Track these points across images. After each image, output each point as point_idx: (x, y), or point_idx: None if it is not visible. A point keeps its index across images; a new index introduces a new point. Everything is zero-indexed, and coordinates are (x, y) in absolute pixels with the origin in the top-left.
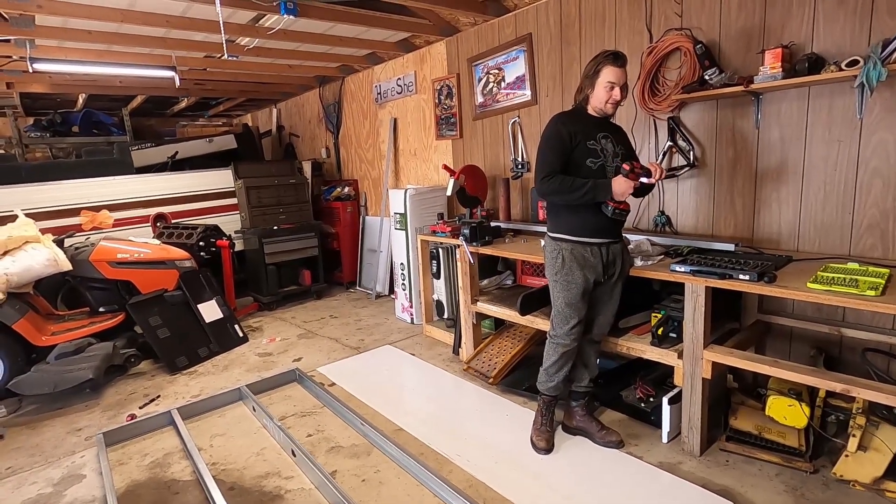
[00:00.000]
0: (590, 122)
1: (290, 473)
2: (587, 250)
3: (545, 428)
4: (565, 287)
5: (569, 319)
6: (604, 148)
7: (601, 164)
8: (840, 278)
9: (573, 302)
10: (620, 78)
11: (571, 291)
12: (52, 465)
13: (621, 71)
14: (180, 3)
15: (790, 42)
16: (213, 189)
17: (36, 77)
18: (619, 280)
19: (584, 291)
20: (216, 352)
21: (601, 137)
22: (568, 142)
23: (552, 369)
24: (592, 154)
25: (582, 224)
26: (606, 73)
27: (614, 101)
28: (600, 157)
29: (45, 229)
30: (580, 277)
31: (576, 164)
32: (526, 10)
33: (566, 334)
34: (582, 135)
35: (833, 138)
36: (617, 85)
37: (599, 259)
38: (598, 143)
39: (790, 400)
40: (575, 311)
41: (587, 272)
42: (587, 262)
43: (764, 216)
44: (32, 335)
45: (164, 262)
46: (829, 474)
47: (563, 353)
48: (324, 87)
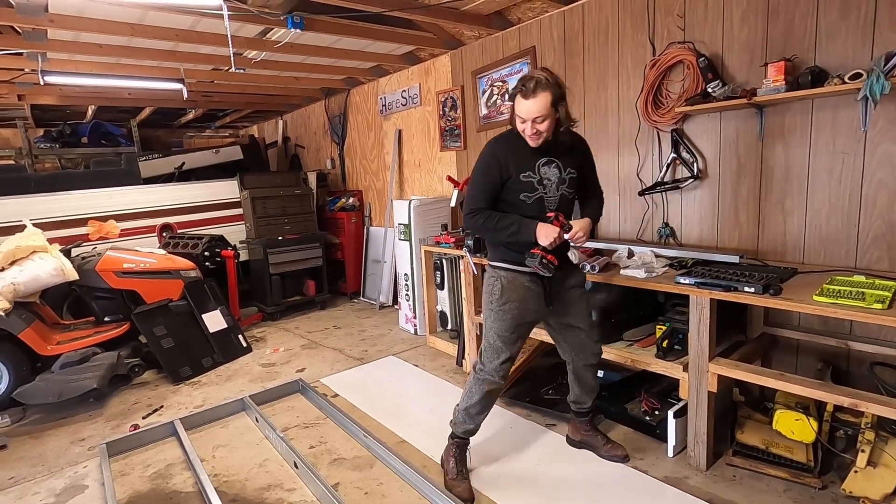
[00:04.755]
0: (529, 147)
1: (292, 486)
2: (527, 279)
3: (461, 476)
4: (499, 318)
5: (500, 353)
6: (544, 178)
7: (538, 197)
8: (846, 291)
9: (505, 334)
10: (530, 113)
11: (506, 323)
12: (54, 476)
13: (531, 104)
14: (189, 18)
15: (793, 55)
16: (219, 199)
17: (46, 89)
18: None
19: (519, 325)
20: (220, 362)
21: (542, 165)
22: (498, 176)
23: (473, 409)
24: (527, 188)
25: (517, 254)
26: (516, 106)
27: (531, 135)
28: (537, 190)
29: (53, 239)
30: (516, 309)
31: (509, 199)
32: (530, 24)
33: (496, 370)
34: (515, 167)
35: (837, 150)
36: (527, 121)
37: (541, 288)
38: (537, 174)
39: (797, 414)
40: (507, 346)
41: (527, 303)
42: (528, 291)
43: (769, 228)
44: (38, 344)
45: (169, 271)
46: (839, 490)
47: (488, 391)
48: (329, 98)
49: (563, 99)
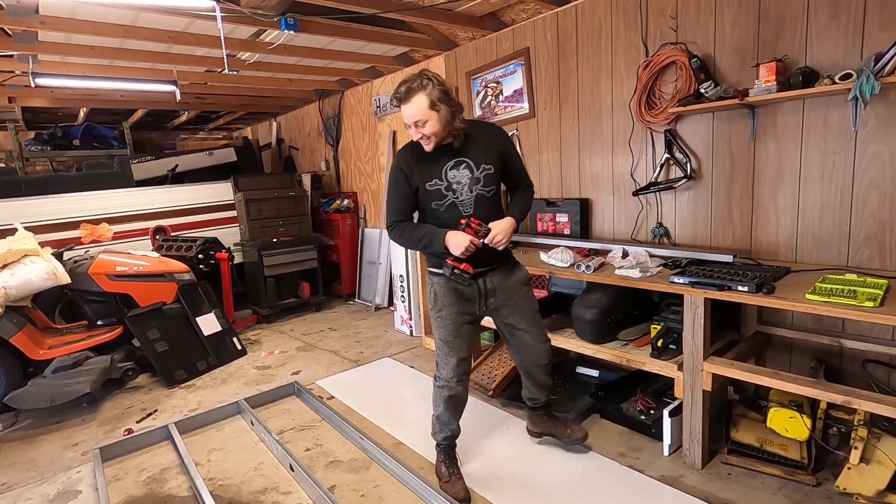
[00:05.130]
0: (433, 153)
1: (288, 489)
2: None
3: (455, 478)
4: (439, 324)
5: (448, 358)
6: (453, 182)
7: (450, 203)
8: (838, 289)
9: (449, 339)
10: (409, 118)
11: (446, 328)
12: (47, 481)
13: (407, 109)
14: (183, 19)
15: (784, 56)
16: (213, 202)
17: (38, 91)
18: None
19: (459, 328)
20: (214, 365)
21: (450, 169)
22: (407, 187)
23: (444, 417)
24: (435, 196)
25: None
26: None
27: (420, 140)
28: (447, 196)
29: (45, 242)
30: (454, 312)
31: (426, 210)
32: (523, 25)
33: (450, 376)
34: (419, 177)
35: (829, 150)
36: (410, 124)
37: (476, 291)
38: (444, 179)
39: (791, 412)
40: (453, 350)
41: (461, 306)
42: (461, 295)
43: (762, 227)
44: (30, 349)
45: (162, 274)
46: (832, 487)
47: (449, 396)
48: (323, 100)
49: (444, 98)
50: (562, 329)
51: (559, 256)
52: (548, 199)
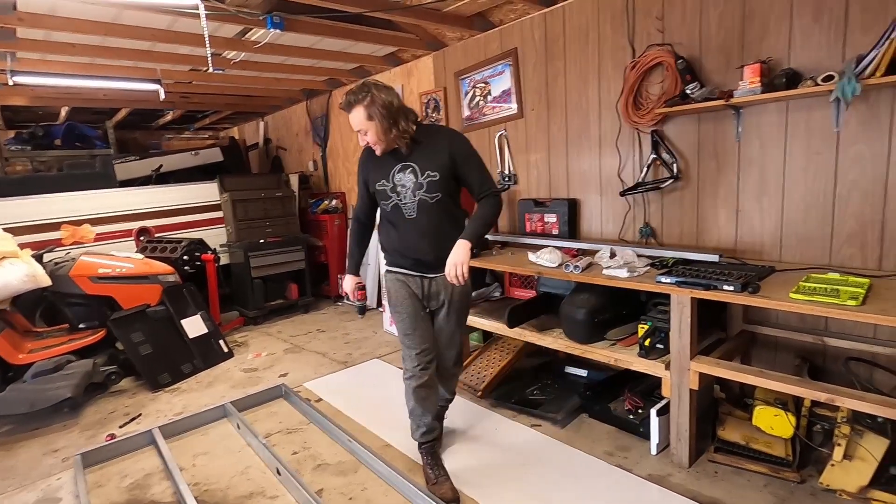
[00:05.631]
0: (387, 156)
1: (274, 493)
2: (409, 280)
3: (442, 479)
4: (398, 318)
5: (410, 350)
6: (398, 185)
7: (394, 204)
8: (821, 288)
9: (408, 332)
10: (354, 123)
11: (404, 322)
12: (26, 489)
13: (352, 116)
14: (166, 17)
15: (768, 57)
16: (199, 202)
17: (17, 90)
18: (449, 314)
19: (416, 321)
20: (200, 368)
21: (396, 172)
22: (364, 186)
23: (416, 412)
24: (382, 196)
25: (394, 257)
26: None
27: (370, 145)
28: (391, 198)
29: (25, 244)
30: (409, 307)
31: (380, 208)
32: (511, 26)
33: (413, 366)
34: (372, 177)
35: (812, 151)
36: (357, 131)
37: (420, 289)
38: (391, 181)
39: (776, 410)
40: (414, 342)
41: (414, 301)
42: (406, 287)
43: (747, 227)
44: (8, 353)
45: (146, 276)
46: (817, 484)
47: (416, 387)
48: (311, 100)
49: (382, 110)
50: (550, 329)
51: (547, 257)
52: (536, 200)
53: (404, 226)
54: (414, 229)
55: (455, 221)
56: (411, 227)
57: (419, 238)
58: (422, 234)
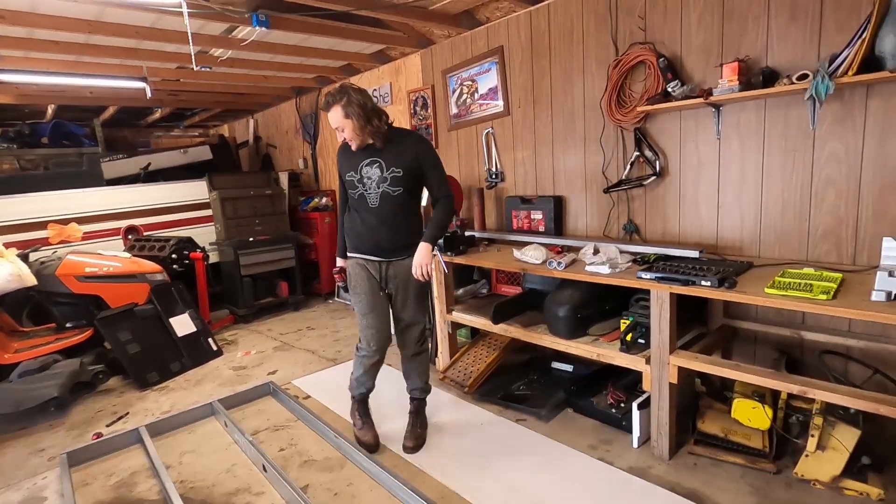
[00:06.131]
0: (358, 151)
1: (260, 489)
2: (368, 264)
3: (367, 426)
4: (356, 300)
5: (366, 330)
6: (365, 177)
7: (360, 194)
8: (796, 283)
9: (365, 313)
10: (332, 121)
11: (362, 304)
12: (11, 489)
13: (331, 114)
14: (150, 15)
15: (746, 56)
16: (187, 201)
17: (1, 88)
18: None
19: (373, 304)
20: (189, 366)
21: (365, 165)
22: (340, 176)
23: (362, 378)
24: (350, 186)
25: (356, 243)
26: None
27: (347, 140)
28: (357, 188)
29: (10, 243)
30: (367, 291)
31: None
32: (498, 24)
33: (368, 345)
34: (344, 167)
35: (789, 148)
36: (335, 129)
37: (378, 272)
38: (358, 173)
39: (754, 402)
40: (369, 323)
41: (372, 284)
42: (365, 271)
43: (727, 223)
44: None
45: (134, 275)
46: (792, 474)
47: (369, 364)
48: (300, 98)
49: (358, 110)
50: (535, 325)
51: (532, 253)
52: (523, 197)
53: (367, 213)
54: (375, 217)
55: (411, 215)
56: (373, 215)
57: (379, 225)
58: (381, 222)
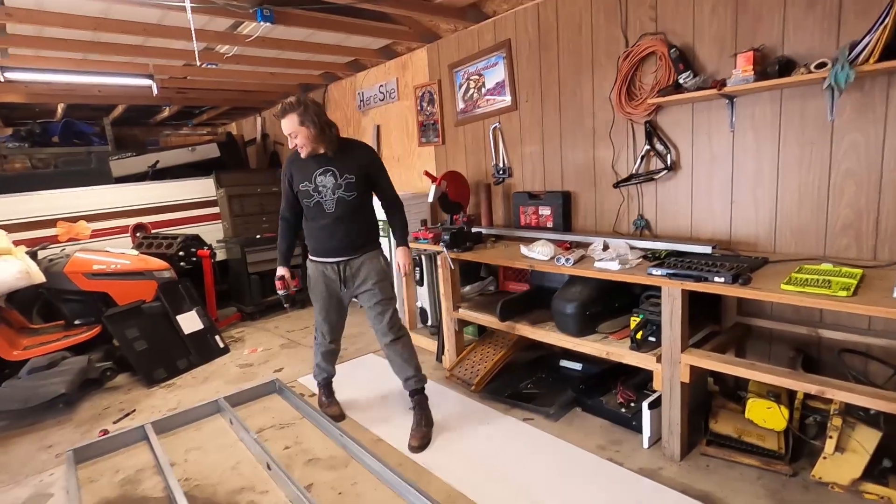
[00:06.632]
0: (309, 161)
1: (265, 488)
2: (326, 267)
3: (332, 402)
4: (315, 299)
5: (322, 324)
6: (319, 185)
7: (316, 202)
8: (813, 279)
9: (321, 310)
10: (286, 127)
11: (319, 302)
12: (19, 485)
13: (286, 121)
14: (156, 11)
15: (762, 45)
16: (195, 198)
17: (12, 87)
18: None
19: (326, 302)
20: (196, 363)
21: (318, 175)
22: (289, 187)
23: (322, 364)
24: (305, 195)
25: (315, 247)
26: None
27: (298, 148)
28: (313, 196)
29: (20, 241)
30: (323, 291)
31: (303, 205)
32: (505, 17)
33: (324, 338)
34: (297, 179)
35: (806, 140)
36: (288, 135)
37: (336, 274)
38: (313, 182)
39: (769, 402)
40: (324, 319)
41: (327, 285)
42: (326, 277)
43: (741, 218)
44: (3, 350)
45: (141, 272)
46: (809, 477)
47: (324, 352)
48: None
49: (314, 117)
50: (543, 322)
51: (540, 250)
52: (530, 193)
53: (325, 219)
54: (333, 221)
55: (366, 216)
56: (331, 220)
57: (337, 228)
58: (339, 225)
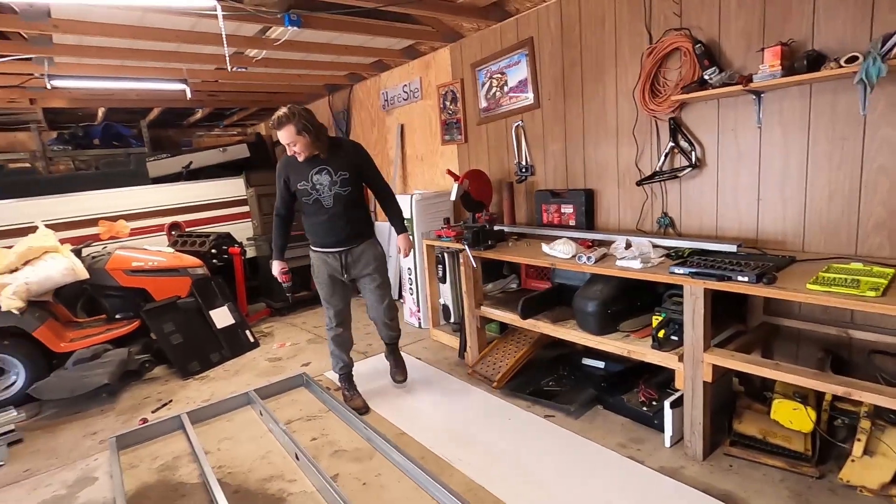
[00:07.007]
0: (303, 162)
1: (293, 477)
2: (329, 257)
3: (355, 395)
4: (320, 287)
5: (329, 310)
6: (317, 184)
7: (314, 199)
8: (841, 279)
9: (327, 298)
10: (285, 138)
11: (325, 290)
12: (66, 468)
13: (284, 132)
14: (189, 19)
15: (790, 39)
16: (226, 198)
17: (56, 93)
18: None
19: (332, 287)
20: (228, 357)
21: (314, 174)
22: (284, 187)
23: (336, 352)
24: (303, 194)
25: (317, 239)
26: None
27: (296, 154)
28: (311, 194)
29: (65, 239)
30: (327, 278)
31: (300, 203)
32: (528, 15)
33: (333, 323)
34: (293, 180)
35: (837, 136)
36: (287, 144)
37: (339, 262)
38: (310, 182)
39: (795, 403)
40: (332, 304)
41: (332, 274)
42: (329, 265)
43: (769, 216)
44: (52, 342)
45: (177, 269)
46: (836, 480)
47: (334, 336)
48: (332, 95)
49: (309, 125)
50: (564, 320)
51: (561, 248)
52: (553, 191)
53: (324, 214)
54: (332, 215)
55: (360, 208)
56: (330, 215)
57: (336, 221)
58: (338, 219)
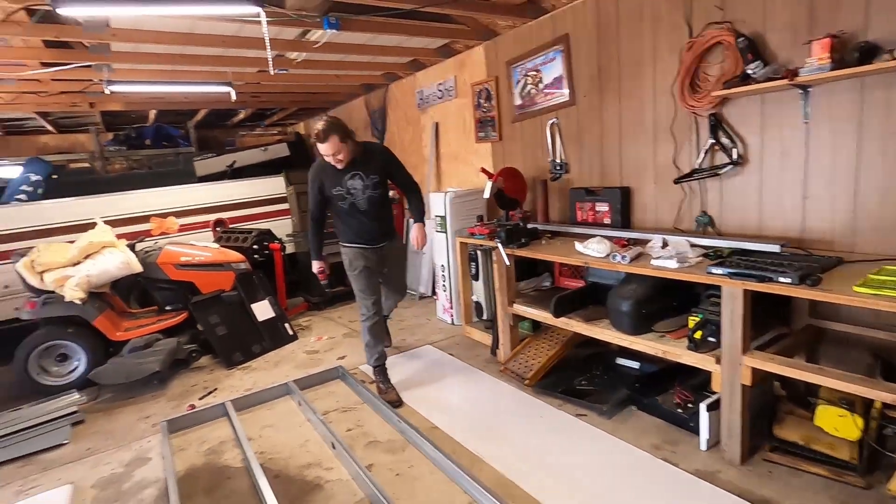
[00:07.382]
0: (337, 169)
1: (330, 465)
2: (366, 251)
3: (388, 387)
4: (355, 278)
5: (365, 301)
6: (351, 188)
7: (350, 203)
8: (893, 282)
9: (363, 288)
10: (328, 150)
11: (360, 281)
12: (123, 449)
13: (327, 145)
14: (234, 24)
15: (840, 31)
16: (267, 195)
17: (113, 97)
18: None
19: (367, 279)
20: (268, 349)
21: (348, 180)
22: (318, 193)
23: (371, 343)
24: (338, 199)
25: (353, 238)
26: (319, 148)
27: (337, 162)
28: (346, 199)
29: (120, 235)
30: (363, 269)
31: (334, 208)
32: (564, 11)
33: (369, 311)
34: (328, 186)
35: (890, 132)
36: (329, 155)
37: (375, 255)
38: (344, 187)
39: (841, 410)
40: (367, 295)
41: (367, 265)
42: (366, 258)
43: (815, 215)
44: (109, 331)
45: (221, 264)
46: (885, 490)
47: (370, 327)
48: (369, 94)
49: (348, 134)
50: (598, 319)
51: (595, 247)
52: (588, 188)
53: (360, 216)
54: (367, 217)
55: (389, 207)
56: (365, 216)
57: (371, 222)
58: (372, 220)
